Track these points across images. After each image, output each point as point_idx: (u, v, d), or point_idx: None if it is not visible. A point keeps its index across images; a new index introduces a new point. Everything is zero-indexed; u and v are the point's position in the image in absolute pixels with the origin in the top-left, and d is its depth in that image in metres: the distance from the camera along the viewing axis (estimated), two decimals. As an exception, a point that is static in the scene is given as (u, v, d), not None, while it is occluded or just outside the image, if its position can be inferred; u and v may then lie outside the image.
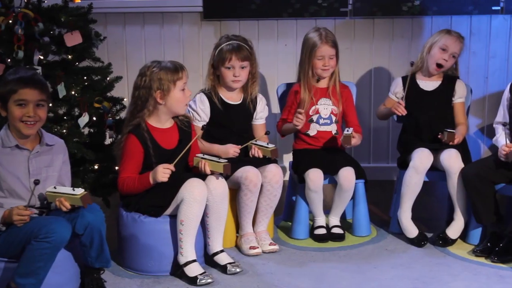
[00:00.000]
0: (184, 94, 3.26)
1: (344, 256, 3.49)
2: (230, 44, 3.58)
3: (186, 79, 3.27)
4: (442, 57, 3.73)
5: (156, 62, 3.28)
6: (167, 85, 3.20)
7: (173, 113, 3.29)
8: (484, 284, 3.14)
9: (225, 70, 3.58)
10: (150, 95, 3.20)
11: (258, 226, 3.59)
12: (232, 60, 3.55)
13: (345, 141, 3.60)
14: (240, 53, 3.56)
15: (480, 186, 3.46)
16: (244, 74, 3.60)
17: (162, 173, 3.10)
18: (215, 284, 3.16)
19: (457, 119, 3.82)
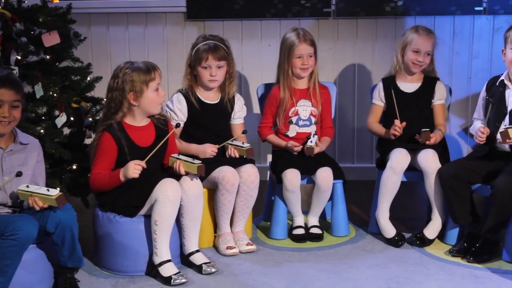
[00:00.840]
0: (158, 94, 3.26)
1: (321, 256, 3.49)
2: (206, 44, 3.59)
3: (159, 79, 3.27)
4: (417, 59, 3.74)
5: (129, 63, 3.29)
6: (139, 86, 3.20)
7: (148, 113, 3.30)
8: (459, 284, 3.14)
9: (201, 69, 3.59)
10: (123, 97, 3.21)
11: (235, 226, 3.59)
12: (208, 59, 3.56)
13: (308, 151, 3.61)
14: (217, 53, 3.57)
15: (457, 186, 3.46)
16: (220, 74, 3.61)
17: (133, 169, 3.11)
18: (189, 284, 3.16)
19: (437, 120, 3.83)
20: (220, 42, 3.63)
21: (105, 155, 3.21)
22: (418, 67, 3.76)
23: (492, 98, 3.55)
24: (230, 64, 3.66)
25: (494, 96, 3.54)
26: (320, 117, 3.85)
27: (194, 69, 3.63)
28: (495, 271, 3.27)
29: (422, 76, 3.87)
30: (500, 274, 3.24)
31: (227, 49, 3.64)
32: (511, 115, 3.46)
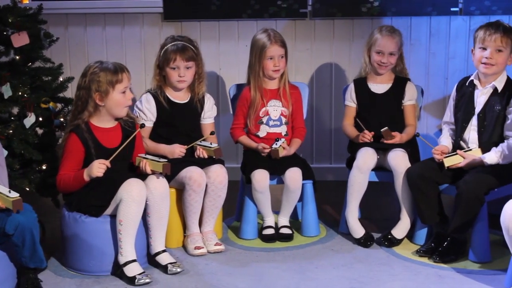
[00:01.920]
0: (124, 97, 3.27)
1: (289, 256, 3.50)
2: (175, 45, 3.60)
3: (127, 82, 3.28)
4: (381, 60, 3.75)
5: (98, 63, 3.30)
6: (105, 87, 3.22)
7: (113, 115, 3.31)
8: (422, 284, 3.15)
9: (170, 70, 3.60)
10: (89, 96, 3.23)
11: (204, 226, 3.60)
12: (176, 60, 3.57)
13: (273, 154, 3.62)
14: (185, 54, 3.58)
15: (424, 187, 3.47)
16: (189, 75, 3.62)
17: (97, 168, 3.12)
18: (154, 284, 3.17)
19: (407, 120, 3.84)
20: (189, 43, 3.65)
21: (71, 157, 3.22)
22: (384, 68, 3.77)
23: (462, 98, 3.56)
24: (198, 64, 3.67)
25: (464, 96, 3.55)
26: (291, 117, 3.86)
27: (163, 69, 3.64)
28: (460, 271, 3.28)
29: (393, 76, 3.89)
30: (465, 274, 3.25)
31: (195, 50, 3.65)
32: (478, 116, 3.47)
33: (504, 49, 3.39)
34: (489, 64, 3.40)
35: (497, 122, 3.40)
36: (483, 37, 3.41)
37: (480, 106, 3.47)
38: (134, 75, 4.67)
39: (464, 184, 3.28)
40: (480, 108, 3.46)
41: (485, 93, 3.47)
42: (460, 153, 3.39)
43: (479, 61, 3.44)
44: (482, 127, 3.44)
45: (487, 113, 3.43)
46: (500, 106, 3.40)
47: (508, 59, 3.43)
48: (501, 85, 3.44)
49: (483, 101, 3.46)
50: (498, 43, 3.38)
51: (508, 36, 3.39)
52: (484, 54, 3.40)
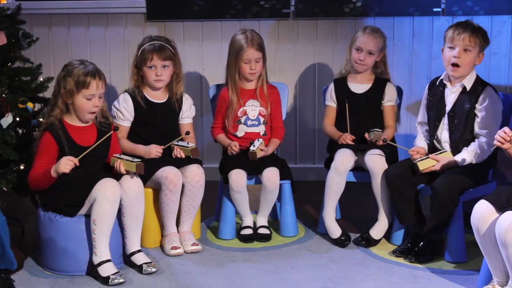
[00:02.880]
0: (88, 104, 3.25)
1: (265, 256, 3.51)
2: (152, 44, 3.61)
3: (95, 90, 3.24)
4: (358, 58, 3.76)
5: (78, 62, 3.31)
6: (70, 87, 3.22)
7: (78, 116, 3.30)
8: (395, 284, 3.16)
9: (147, 69, 3.61)
10: (59, 93, 3.24)
11: (182, 227, 3.61)
12: (153, 60, 3.58)
13: (251, 156, 3.63)
14: (162, 53, 3.59)
15: (402, 187, 3.47)
16: (166, 74, 3.63)
17: (64, 164, 3.12)
18: (128, 284, 3.18)
19: (386, 121, 3.84)
20: (166, 43, 3.65)
21: (44, 154, 3.23)
22: (360, 66, 3.78)
23: (433, 98, 3.56)
24: (176, 64, 3.68)
25: (435, 95, 3.56)
26: (270, 117, 3.86)
27: (140, 69, 3.65)
28: (435, 271, 3.28)
29: (373, 77, 3.89)
30: (439, 274, 3.25)
31: (173, 50, 3.66)
32: (449, 115, 3.47)
33: (472, 49, 3.39)
34: (456, 65, 3.39)
35: (467, 121, 3.41)
36: (452, 36, 3.42)
37: (450, 105, 3.47)
38: (118, 75, 4.75)
39: (438, 185, 3.28)
40: (450, 107, 3.47)
41: (454, 92, 3.48)
42: (432, 156, 3.39)
43: (448, 60, 3.44)
44: (453, 126, 3.44)
45: (457, 112, 3.44)
46: (469, 105, 3.40)
47: (476, 59, 3.43)
48: (469, 84, 3.44)
49: (453, 100, 3.47)
50: (466, 43, 3.38)
51: (477, 36, 3.39)
52: (452, 53, 3.41)
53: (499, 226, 2.72)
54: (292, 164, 4.91)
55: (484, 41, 3.43)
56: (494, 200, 2.85)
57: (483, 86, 3.42)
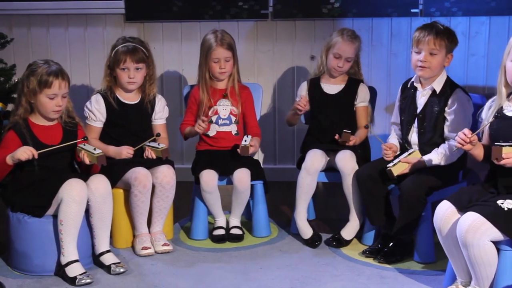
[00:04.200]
0: (52, 102, 3.25)
1: (236, 256, 3.51)
2: (125, 46, 3.61)
3: (58, 89, 3.25)
4: (337, 64, 3.75)
5: (43, 62, 3.31)
6: (33, 86, 3.23)
7: (42, 115, 3.30)
8: (362, 284, 3.16)
9: (120, 71, 3.62)
10: (22, 91, 3.25)
11: (153, 227, 3.61)
12: (126, 62, 3.59)
13: (243, 151, 3.62)
14: (135, 55, 3.60)
15: (372, 187, 3.47)
16: (139, 76, 3.64)
17: (22, 151, 3.13)
18: (95, 284, 3.18)
19: (359, 122, 3.85)
20: (140, 45, 3.66)
21: (5, 148, 3.22)
22: (337, 72, 3.78)
23: (405, 100, 3.56)
24: (150, 66, 3.69)
25: (406, 98, 3.56)
26: (244, 117, 3.87)
27: (113, 70, 3.65)
28: (403, 271, 3.29)
29: (346, 78, 3.89)
30: (407, 274, 3.25)
31: (146, 52, 3.67)
32: (418, 117, 3.47)
33: (438, 52, 3.38)
34: (423, 67, 3.39)
35: (436, 124, 3.40)
36: (417, 40, 3.40)
37: (420, 107, 3.47)
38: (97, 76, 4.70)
39: (405, 186, 3.29)
40: (420, 110, 3.47)
41: (424, 95, 3.47)
42: (403, 160, 3.37)
43: (414, 64, 3.43)
44: (422, 128, 3.44)
45: (427, 115, 3.43)
46: (438, 108, 3.40)
47: (444, 60, 3.42)
48: (439, 87, 3.43)
49: (423, 103, 3.46)
50: (431, 46, 3.37)
51: (442, 38, 3.38)
52: (419, 57, 3.40)
53: (460, 227, 2.72)
54: (271, 164, 4.93)
55: (451, 42, 3.42)
56: (456, 201, 2.85)
57: (452, 88, 3.42)
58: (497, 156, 2.71)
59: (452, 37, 3.45)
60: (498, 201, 2.74)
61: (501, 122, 2.88)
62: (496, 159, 2.71)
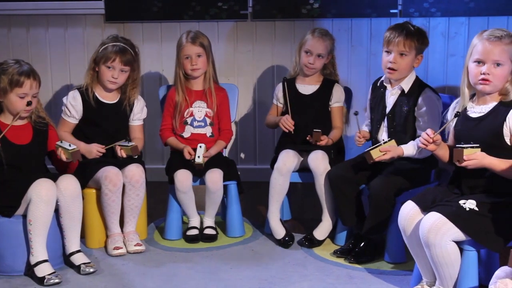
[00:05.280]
0: (21, 102, 3.25)
1: (207, 256, 3.51)
2: (116, 46, 3.61)
3: (29, 89, 3.25)
4: (308, 61, 3.76)
5: (13, 61, 3.31)
6: (4, 85, 3.24)
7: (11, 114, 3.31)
8: (330, 284, 3.16)
9: (105, 68, 3.61)
10: None
11: (126, 227, 3.62)
12: (115, 61, 3.59)
13: (197, 167, 3.64)
14: (124, 56, 3.59)
15: (344, 188, 3.48)
16: (122, 78, 3.64)
17: None
18: (64, 284, 3.18)
19: (334, 122, 3.85)
20: (130, 47, 3.64)
21: None
22: (309, 69, 3.79)
23: (375, 99, 3.57)
24: (135, 70, 3.68)
25: (376, 97, 3.56)
26: (218, 119, 3.87)
27: (98, 65, 3.63)
28: (373, 271, 3.29)
29: (321, 78, 3.90)
30: (376, 274, 3.26)
31: (135, 55, 3.65)
32: (388, 116, 3.47)
33: (408, 53, 3.38)
34: (392, 69, 3.40)
35: (405, 123, 3.41)
36: (388, 40, 3.41)
37: (389, 106, 3.47)
38: (77, 76, 4.77)
39: (374, 186, 3.29)
40: (389, 109, 3.47)
41: (394, 94, 3.48)
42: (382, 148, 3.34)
43: (384, 65, 3.44)
44: (392, 128, 3.45)
45: (396, 114, 3.43)
46: (407, 107, 3.40)
47: (414, 61, 3.42)
48: (407, 87, 3.44)
49: (392, 102, 3.47)
50: (401, 47, 3.37)
51: (412, 39, 3.38)
52: (388, 58, 3.40)
53: (422, 227, 2.73)
54: (252, 165, 4.94)
55: (421, 44, 3.43)
56: (420, 201, 2.86)
57: (421, 88, 3.42)
58: (459, 158, 2.71)
59: (422, 38, 3.45)
60: (460, 201, 2.74)
61: (464, 123, 2.88)
62: (458, 161, 2.72)
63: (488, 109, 2.84)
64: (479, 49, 2.79)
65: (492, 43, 2.76)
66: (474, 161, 2.69)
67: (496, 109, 2.81)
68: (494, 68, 2.78)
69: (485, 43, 2.78)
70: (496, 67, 2.78)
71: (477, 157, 2.69)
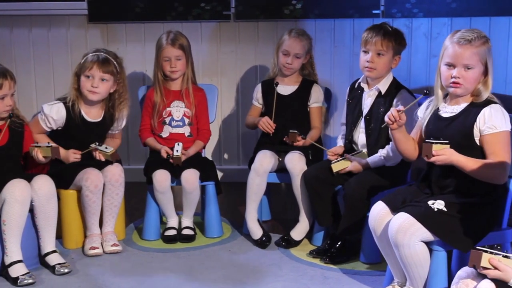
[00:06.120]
0: (2, 103, 3.24)
1: (184, 257, 3.52)
2: (96, 55, 3.56)
3: (8, 90, 3.25)
4: (285, 61, 3.77)
5: None
6: None
7: None
8: (303, 285, 3.17)
9: (84, 78, 3.55)
10: None
11: (104, 227, 3.62)
12: (92, 69, 3.52)
13: (175, 161, 3.65)
14: (103, 65, 3.53)
15: (319, 188, 3.48)
16: (103, 88, 3.55)
17: None
18: (38, 284, 3.19)
19: (312, 123, 3.86)
20: (112, 57, 3.60)
21: None
22: (288, 69, 3.80)
23: (352, 101, 3.57)
24: (120, 83, 3.62)
25: (354, 98, 3.57)
26: (196, 119, 3.88)
27: (79, 78, 3.58)
28: (347, 272, 3.29)
29: (300, 79, 3.90)
30: (350, 275, 3.26)
31: (117, 67, 3.59)
32: (365, 118, 3.48)
33: (385, 53, 3.39)
34: (370, 68, 3.40)
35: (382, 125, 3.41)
36: (365, 40, 3.42)
37: (367, 108, 3.48)
38: (61, 77, 4.79)
39: (348, 186, 3.30)
40: (367, 111, 3.47)
41: (371, 96, 3.48)
42: (347, 157, 3.41)
43: (362, 64, 3.45)
44: (369, 130, 3.45)
45: (373, 116, 3.44)
46: (383, 109, 3.41)
47: (391, 62, 3.43)
48: (384, 88, 3.44)
49: (370, 104, 3.47)
50: (378, 47, 3.38)
51: (389, 39, 3.39)
52: (366, 57, 3.41)
53: (391, 227, 2.73)
54: (235, 165, 4.94)
55: (399, 44, 3.43)
56: (390, 201, 2.86)
57: (397, 89, 3.43)
58: (427, 153, 2.71)
59: (400, 39, 3.46)
60: (429, 201, 2.75)
61: (436, 122, 2.88)
62: (426, 156, 2.72)
63: (459, 109, 2.84)
64: (450, 53, 2.80)
65: (462, 46, 2.76)
66: (443, 156, 2.68)
67: (468, 110, 2.81)
68: (464, 71, 2.78)
69: (455, 46, 2.78)
70: (467, 71, 2.78)
71: (446, 153, 2.69)
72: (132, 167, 4.76)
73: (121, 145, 4.02)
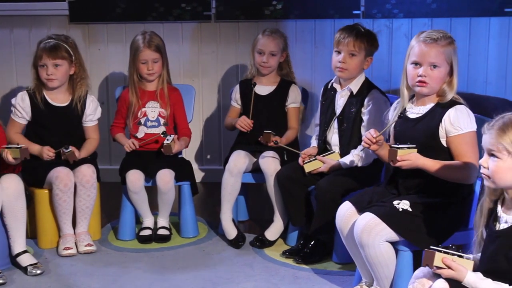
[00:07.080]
0: None
1: (157, 257, 3.52)
2: (46, 43, 3.60)
3: None
4: (261, 60, 3.78)
5: None
6: None
7: None
8: (273, 285, 3.17)
9: (40, 68, 3.60)
10: None
11: (78, 227, 3.62)
12: (43, 58, 3.57)
13: (166, 150, 3.64)
14: (52, 52, 3.57)
15: (292, 188, 3.49)
16: (59, 73, 3.60)
17: None
18: (9, 284, 3.19)
19: (289, 123, 3.86)
20: (63, 42, 3.63)
21: None
22: (264, 68, 3.80)
23: (326, 101, 3.57)
24: (75, 64, 3.66)
25: (327, 99, 3.57)
26: (175, 119, 3.88)
27: (36, 69, 3.64)
28: (319, 271, 3.30)
29: (278, 79, 3.91)
30: (321, 275, 3.26)
31: (70, 49, 3.64)
32: (338, 118, 3.48)
33: (357, 54, 3.39)
34: (342, 68, 3.41)
35: (354, 125, 3.41)
36: (338, 40, 3.42)
37: (339, 109, 3.48)
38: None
39: (320, 186, 3.30)
40: (339, 111, 3.48)
41: (343, 96, 3.48)
42: (319, 158, 3.41)
43: (334, 65, 3.45)
44: (342, 130, 3.45)
45: (346, 116, 3.44)
46: (355, 109, 3.41)
47: (363, 63, 3.43)
48: (356, 88, 3.44)
49: (342, 104, 3.47)
50: (350, 48, 3.38)
51: (362, 40, 3.39)
52: (338, 58, 3.41)
53: (356, 227, 2.73)
54: (217, 165, 4.94)
55: (371, 46, 3.44)
56: (357, 201, 2.86)
57: (368, 89, 3.43)
58: (392, 158, 2.71)
59: (372, 40, 3.47)
60: (394, 201, 2.75)
61: (403, 123, 2.88)
62: (392, 161, 2.72)
63: (425, 110, 2.84)
64: (416, 51, 2.81)
65: (428, 45, 2.77)
66: (408, 161, 2.69)
67: (433, 110, 2.82)
68: (430, 70, 2.78)
69: (422, 45, 2.79)
70: (433, 69, 2.78)
71: (411, 158, 2.69)
72: (113, 167, 4.73)
73: (102, 145, 4.03)
